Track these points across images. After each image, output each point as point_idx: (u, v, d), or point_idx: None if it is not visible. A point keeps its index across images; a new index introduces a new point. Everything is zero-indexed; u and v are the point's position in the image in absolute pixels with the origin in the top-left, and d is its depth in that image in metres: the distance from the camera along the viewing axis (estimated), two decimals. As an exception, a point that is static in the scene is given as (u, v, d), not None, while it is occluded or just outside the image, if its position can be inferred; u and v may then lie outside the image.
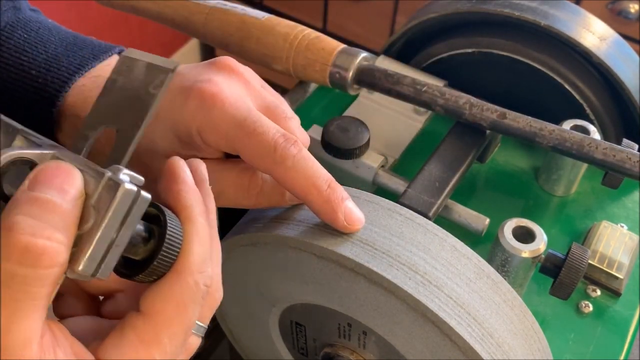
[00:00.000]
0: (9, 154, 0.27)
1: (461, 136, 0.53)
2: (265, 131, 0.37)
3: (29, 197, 0.25)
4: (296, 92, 0.65)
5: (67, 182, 0.26)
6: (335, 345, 0.44)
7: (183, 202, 0.30)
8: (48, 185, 0.26)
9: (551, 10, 0.56)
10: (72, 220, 0.26)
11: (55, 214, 0.25)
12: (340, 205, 0.37)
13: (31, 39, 0.45)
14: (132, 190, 0.27)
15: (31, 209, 0.25)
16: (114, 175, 0.27)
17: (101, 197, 0.27)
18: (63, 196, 0.26)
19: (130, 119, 0.30)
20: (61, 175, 0.26)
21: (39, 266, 0.24)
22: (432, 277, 0.36)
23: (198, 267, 0.29)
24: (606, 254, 0.52)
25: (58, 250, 0.25)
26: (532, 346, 0.38)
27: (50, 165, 0.27)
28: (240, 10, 0.59)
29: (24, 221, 0.24)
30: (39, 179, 0.26)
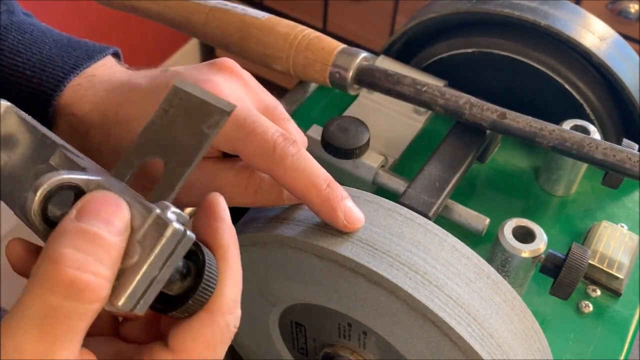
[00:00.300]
0: (57, 179, 0.27)
1: (461, 136, 0.53)
2: (264, 131, 0.37)
3: (76, 228, 0.25)
4: (296, 92, 0.65)
5: (114, 214, 0.26)
6: (335, 345, 0.44)
7: (220, 241, 0.30)
8: (96, 216, 0.26)
9: (551, 10, 0.56)
10: (117, 254, 0.26)
11: (102, 248, 0.25)
12: (339, 204, 0.37)
13: (25, 40, 0.45)
14: (180, 231, 0.26)
15: (78, 242, 0.25)
16: (163, 214, 0.27)
17: (148, 233, 0.27)
18: (110, 229, 0.26)
19: (181, 155, 0.30)
20: (109, 207, 0.26)
21: (83, 301, 0.24)
22: (432, 277, 0.36)
23: (229, 308, 0.30)
24: (606, 254, 0.52)
25: (102, 286, 0.25)
26: (532, 346, 0.38)
27: (98, 196, 0.27)
28: (240, 10, 0.59)
29: (71, 254, 0.24)
30: (87, 209, 0.26)
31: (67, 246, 0.25)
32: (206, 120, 0.29)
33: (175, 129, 0.30)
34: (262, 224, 0.40)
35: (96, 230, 0.25)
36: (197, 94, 0.30)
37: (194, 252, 0.30)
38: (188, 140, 0.30)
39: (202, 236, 0.31)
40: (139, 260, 0.26)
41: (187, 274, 0.29)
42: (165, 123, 0.30)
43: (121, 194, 0.28)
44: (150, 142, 0.31)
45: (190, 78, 0.40)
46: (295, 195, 0.38)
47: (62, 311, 0.24)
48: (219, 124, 0.29)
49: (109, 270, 0.25)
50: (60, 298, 0.24)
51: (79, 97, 0.43)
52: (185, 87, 0.31)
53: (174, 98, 0.31)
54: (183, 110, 0.30)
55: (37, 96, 0.43)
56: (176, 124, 0.30)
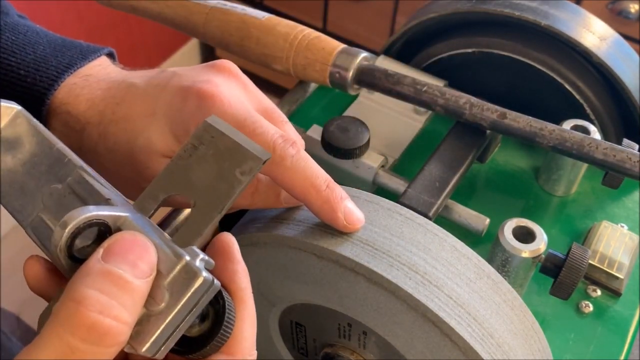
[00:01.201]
0: (87, 216, 0.27)
1: (461, 136, 0.53)
2: (264, 132, 0.37)
3: (102, 269, 0.25)
4: (296, 92, 0.65)
5: (141, 258, 0.26)
6: (335, 346, 0.44)
7: (239, 284, 0.30)
8: (122, 259, 0.26)
9: (551, 10, 0.56)
10: (141, 298, 0.26)
11: (126, 292, 0.25)
12: (339, 205, 0.37)
13: (19, 41, 0.45)
14: (208, 281, 0.26)
15: (103, 284, 0.25)
16: (192, 262, 0.26)
17: (176, 280, 0.26)
18: (136, 273, 0.25)
19: (211, 198, 0.29)
20: (136, 250, 0.26)
21: (102, 345, 0.24)
22: (432, 277, 0.36)
23: (249, 351, 0.30)
24: (606, 254, 0.52)
25: (122, 331, 0.25)
26: (532, 346, 0.38)
27: (126, 237, 0.26)
28: (240, 10, 0.59)
29: (95, 297, 0.24)
30: (114, 250, 0.26)
31: (91, 288, 0.25)
32: (240, 165, 0.29)
33: (205, 168, 0.29)
34: (262, 224, 0.40)
35: (121, 274, 0.25)
36: (230, 135, 0.29)
37: (215, 297, 0.29)
38: (219, 183, 0.29)
39: (219, 277, 0.30)
40: (165, 308, 0.26)
41: (206, 317, 0.29)
42: (194, 160, 0.30)
43: (149, 235, 0.27)
44: (177, 177, 0.30)
45: (189, 78, 0.40)
46: (294, 197, 0.38)
47: (80, 353, 0.24)
48: (253, 171, 0.29)
49: (131, 315, 0.25)
50: (80, 341, 0.24)
51: (75, 95, 0.43)
52: (218, 125, 0.30)
53: (204, 135, 0.30)
54: (214, 149, 0.29)
55: (31, 95, 0.43)
56: (206, 163, 0.29)
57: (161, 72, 0.42)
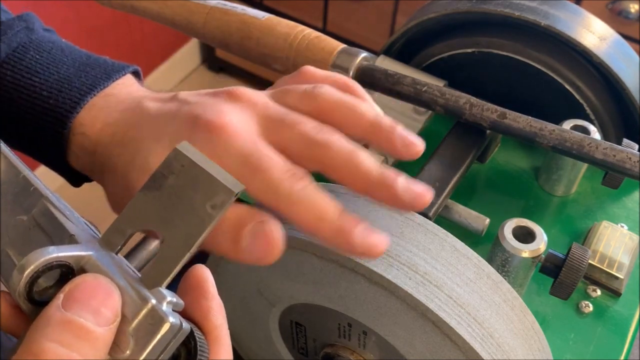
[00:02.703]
0: (46, 259, 0.25)
1: (461, 136, 0.53)
2: (268, 168, 0.35)
3: (61, 318, 0.24)
4: (296, 92, 0.65)
5: (104, 304, 0.25)
6: (335, 345, 0.44)
7: (213, 322, 0.29)
8: (84, 306, 0.25)
9: (551, 10, 0.56)
10: (104, 346, 0.25)
11: (87, 342, 0.24)
12: (353, 232, 0.34)
13: (43, 60, 0.44)
14: (176, 326, 0.25)
15: (62, 335, 0.24)
16: (158, 306, 0.25)
17: (141, 326, 0.25)
18: (98, 321, 0.24)
19: (181, 233, 0.27)
20: (99, 295, 0.25)
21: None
22: (432, 277, 0.36)
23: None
24: (606, 254, 0.52)
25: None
26: (532, 346, 0.38)
27: (88, 281, 0.25)
28: (240, 10, 0.59)
29: (54, 350, 0.23)
30: (75, 296, 0.25)
31: (50, 340, 0.24)
32: (210, 198, 0.27)
33: (174, 200, 0.27)
34: (262, 224, 0.40)
35: (82, 323, 0.24)
36: (201, 164, 0.27)
37: (187, 337, 0.27)
38: (189, 217, 0.27)
39: (192, 314, 0.29)
40: (130, 356, 0.25)
41: (177, 358, 0.28)
42: (164, 191, 0.28)
43: (114, 276, 0.26)
44: (146, 210, 0.28)
45: (200, 108, 0.37)
46: (305, 232, 0.35)
47: None
48: (224, 206, 0.27)
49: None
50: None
51: (93, 116, 0.42)
52: (189, 153, 0.28)
53: (174, 163, 0.28)
54: (184, 180, 0.27)
55: (53, 117, 0.42)
56: (176, 195, 0.27)
57: (173, 97, 0.40)
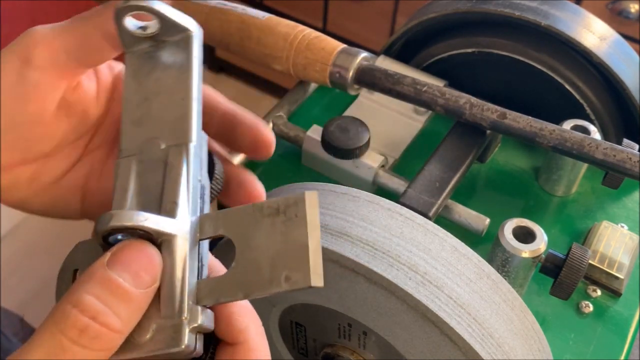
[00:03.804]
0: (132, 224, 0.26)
1: (461, 136, 0.53)
2: None
3: (103, 276, 0.25)
4: (296, 92, 0.65)
5: (144, 268, 0.26)
6: (335, 346, 0.44)
7: (237, 326, 0.28)
8: (125, 267, 0.26)
9: (551, 10, 0.56)
10: (138, 308, 0.26)
11: (122, 302, 0.25)
12: None
13: None
14: (188, 350, 0.26)
15: (101, 291, 0.25)
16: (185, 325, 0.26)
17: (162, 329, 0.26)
18: (136, 283, 0.26)
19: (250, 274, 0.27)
20: (141, 260, 0.26)
21: (91, 348, 0.25)
22: (433, 277, 0.36)
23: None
24: (606, 254, 0.52)
25: (113, 338, 0.25)
26: (532, 346, 0.38)
27: (134, 246, 0.26)
28: (240, 10, 0.59)
29: (90, 303, 0.25)
30: (119, 258, 0.26)
31: (89, 293, 0.25)
32: (291, 271, 0.26)
33: (267, 240, 0.27)
34: (262, 224, 0.40)
35: (121, 282, 0.25)
36: (309, 232, 0.26)
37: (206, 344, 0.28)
38: (264, 269, 0.26)
39: (217, 324, 0.28)
40: (142, 345, 0.26)
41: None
42: (266, 225, 0.27)
43: (175, 266, 0.27)
44: (245, 226, 0.28)
45: None
46: None
47: (70, 353, 0.25)
48: (294, 287, 0.26)
49: (125, 324, 0.26)
50: (71, 342, 0.25)
51: None
52: (309, 209, 0.27)
53: (292, 207, 0.27)
54: (287, 230, 0.27)
55: None
56: (271, 236, 0.27)
57: None
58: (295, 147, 0.59)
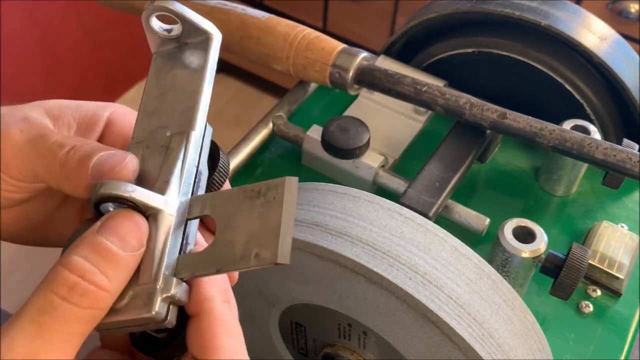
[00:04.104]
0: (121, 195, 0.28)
1: (461, 136, 0.53)
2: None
3: (92, 240, 0.27)
4: (296, 92, 0.65)
5: (131, 232, 0.28)
6: (335, 346, 0.44)
7: (203, 294, 0.29)
8: (112, 232, 0.27)
9: (551, 10, 0.56)
10: (125, 269, 0.27)
11: (109, 262, 0.27)
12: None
13: None
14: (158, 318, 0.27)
15: (90, 253, 0.27)
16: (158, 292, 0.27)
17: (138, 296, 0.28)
18: (123, 245, 0.27)
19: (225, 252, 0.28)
20: (128, 226, 0.28)
21: (80, 305, 0.26)
22: (433, 278, 0.36)
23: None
24: (606, 254, 0.52)
25: (101, 296, 0.26)
26: (532, 346, 0.38)
27: (123, 214, 0.28)
28: (240, 10, 0.59)
29: (79, 263, 0.26)
30: (108, 224, 0.28)
31: (79, 255, 0.27)
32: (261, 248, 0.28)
33: (246, 221, 0.28)
34: (262, 224, 0.40)
35: (108, 245, 0.27)
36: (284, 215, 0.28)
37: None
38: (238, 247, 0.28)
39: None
40: (118, 310, 0.27)
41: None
42: (247, 206, 0.29)
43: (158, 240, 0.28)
44: (229, 206, 0.29)
45: None
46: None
47: (60, 310, 0.26)
48: (262, 265, 0.28)
49: (113, 284, 0.27)
50: (60, 298, 0.26)
51: None
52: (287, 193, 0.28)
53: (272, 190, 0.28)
54: (265, 210, 0.28)
55: None
56: (249, 217, 0.28)
57: None
58: (295, 147, 0.59)
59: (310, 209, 0.40)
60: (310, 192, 0.41)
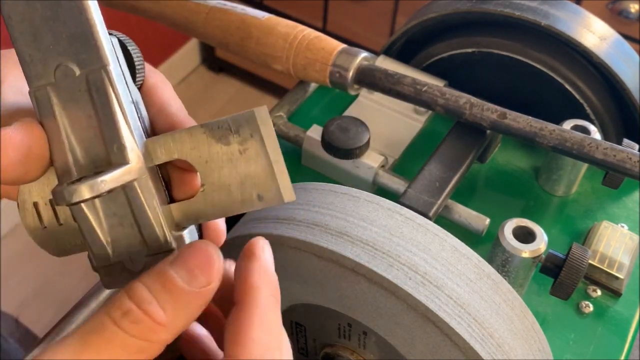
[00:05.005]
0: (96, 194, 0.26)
1: (461, 136, 0.53)
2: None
3: (160, 270, 0.26)
4: (296, 92, 0.65)
5: (200, 267, 0.26)
6: (335, 346, 0.44)
7: (250, 283, 0.27)
8: (182, 265, 0.26)
9: (551, 10, 0.56)
10: (188, 306, 0.26)
11: (170, 294, 0.26)
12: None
13: None
14: None
15: (153, 283, 0.26)
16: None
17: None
18: (190, 280, 0.26)
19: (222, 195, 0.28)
20: (198, 259, 0.26)
21: (129, 332, 0.25)
22: (433, 278, 0.36)
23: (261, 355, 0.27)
24: (606, 254, 0.52)
25: (152, 328, 0.25)
26: (532, 346, 0.38)
27: (195, 245, 0.27)
28: (240, 10, 0.59)
29: (139, 290, 0.26)
30: (179, 256, 0.26)
31: (142, 282, 0.26)
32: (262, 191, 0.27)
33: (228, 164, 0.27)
34: (263, 224, 0.40)
35: (171, 275, 0.26)
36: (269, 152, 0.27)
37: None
38: (234, 189, 0.27)
39: (235, 279, 0.28)
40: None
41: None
42: (221, 147, 0.27)
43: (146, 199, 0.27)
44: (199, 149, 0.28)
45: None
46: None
47: (108, 332, 0.25)
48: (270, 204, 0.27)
49: (170, 318, 0.25)
50: (112, 322, 0.25)
51: None
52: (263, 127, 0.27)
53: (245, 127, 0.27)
54: (247, 152, 0.27)
55: None
56: (231, 161, 0.27)
57: None
58: (295, 147, 0.59)
59: (310, 209, 0.40)
60: (310, 192, 0.41)
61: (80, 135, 0.28)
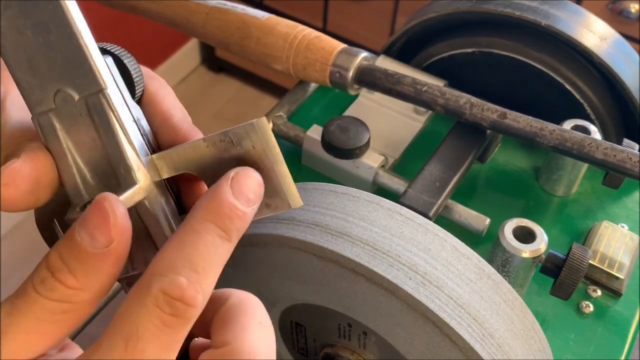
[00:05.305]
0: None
1: (461, 136, 0.53)
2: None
3: (68, 234, 0.26)
4: (296, 92, 0.65)
5: (98, 227, 0.26)
6: (335, 346, 0.44)
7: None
8: (84, 226, 0.26)
9: (552, 10, 0.56)
10: (97, 266, 0.26)
11: (77, 260, 0.26)
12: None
13: None
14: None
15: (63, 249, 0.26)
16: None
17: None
18: (92, 242, 0.26)
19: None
20: (95, 219, 0.26)
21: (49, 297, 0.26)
22: (433, 278, 0.36)
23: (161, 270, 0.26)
24: (607, 254, 0.52)
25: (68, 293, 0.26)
26: (532, 346, 0.38)
27: (93, 203, 0.26)
28: (240, 10, 0.59)
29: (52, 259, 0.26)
30: (83, 216, 0.26)
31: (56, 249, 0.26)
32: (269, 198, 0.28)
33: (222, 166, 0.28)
34: (263, 224, 0.40)
35: (78, 241, 0.26)
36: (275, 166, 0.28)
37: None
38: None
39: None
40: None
41: None
42: (226, 159, 0.28)
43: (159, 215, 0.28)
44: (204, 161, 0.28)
45: None
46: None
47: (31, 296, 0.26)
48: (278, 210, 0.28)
49: (80, 281, 0.26)
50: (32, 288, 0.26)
51: None
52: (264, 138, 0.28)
53: (246, 139, 0.28)
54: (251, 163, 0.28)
55: None
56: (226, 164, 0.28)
57: None
58: (295, 147, 0.59)
59: (310, 209, 0.40)
60: (310, 192, 0.41)
61: (87, 157, 0.28)
